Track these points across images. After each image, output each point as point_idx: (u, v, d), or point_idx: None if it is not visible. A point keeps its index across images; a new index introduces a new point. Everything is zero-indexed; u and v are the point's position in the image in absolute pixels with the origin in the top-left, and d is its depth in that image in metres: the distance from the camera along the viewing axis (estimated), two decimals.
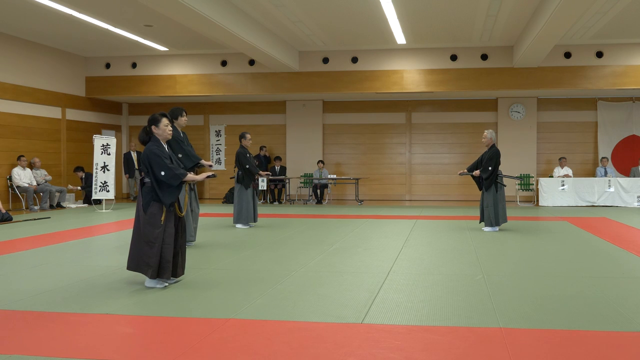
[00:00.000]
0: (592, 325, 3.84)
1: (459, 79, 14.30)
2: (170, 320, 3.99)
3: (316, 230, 9.14)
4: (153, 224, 4.93)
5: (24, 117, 13.66)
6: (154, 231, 4.91)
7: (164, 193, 4.93)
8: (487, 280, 5.22)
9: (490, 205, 8.85)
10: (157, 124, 5.06)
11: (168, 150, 5.16)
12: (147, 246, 4.91)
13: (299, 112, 16.74)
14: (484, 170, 8.90)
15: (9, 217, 10.56)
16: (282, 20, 11.88)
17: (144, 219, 4.96)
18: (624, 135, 15.55)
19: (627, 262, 6.23)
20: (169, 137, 5.16)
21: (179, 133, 7.26)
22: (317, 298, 4.58)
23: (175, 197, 4.98)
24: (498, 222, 8.88)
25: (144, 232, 4.93)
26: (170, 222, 5.02)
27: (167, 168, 4.88)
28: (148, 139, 5.09)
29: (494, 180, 8.87)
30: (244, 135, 9.68)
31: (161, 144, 5.08)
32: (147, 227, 4.92)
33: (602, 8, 10.67)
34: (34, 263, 6.20)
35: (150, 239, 4.91)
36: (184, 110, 7.30)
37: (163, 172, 4.88)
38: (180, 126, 7.30)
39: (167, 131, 5.11)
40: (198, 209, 7.56)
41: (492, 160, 8.86)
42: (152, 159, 4.91)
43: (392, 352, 3.30)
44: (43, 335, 3.67)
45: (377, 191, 16.61)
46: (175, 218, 5.11)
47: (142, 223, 4.97)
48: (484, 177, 8.89)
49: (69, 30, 12.79)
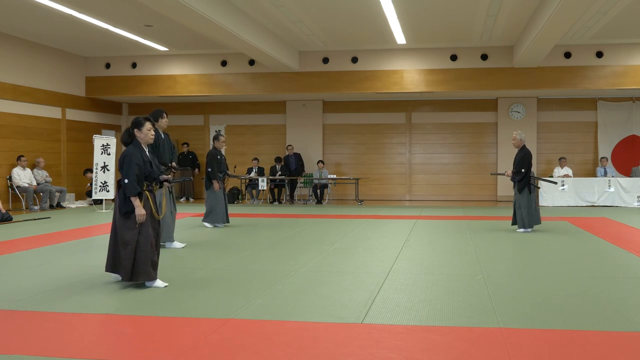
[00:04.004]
0: (592, 325, 3.84)
1: (459, 79, 14.30)
2: (170, 320, 3.99)
3: (316, 230, 9.14)
4: (128, 226, 4.99)
5: (24, 117, 13.66)
6: (129, 233, 4.97)
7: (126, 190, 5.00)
8: (487, 280, 5.22)
9: (524, 207, 8.75)
10: (140, 127, 5.14)
11: (149, 154, 5.24)
12: (124, 249, 4.97)
13: (299, 112, 16.74)
14: (517, 173, 8.81)
15: (9, 217, 10.56)
16: (282, 20, 11.88)
17: (120, 221, 5.02)
18: (624, 135, 15.54)
19: (627, 262, 6.22)
20: (151, 142, 5.26)
21: (160, 135, 7.31)
22: (317, 298, 4.58)
23: (133, 194, 4.99)
24: (531, 223, 8.81)
25: (120, 233, 5.00)
26: (147, 224, 5.05)
27: (131, 178, 4.93)
28: (130, 141, 5.17)
29: (527, 182, 8.80)
30: (217, 136, 9.68)
31: (142, 148, 5.16)
32: (124, 229, 4.99)
33: (602, 8, 10.67)
34: (34, 263, 6.20)
35: (126, 241, 4.96)
36: (164, 112, 7.39)
37: (126, 179, 4.95)
38: (161, 128, 7.38)
39: (150, 135, 5.19)
40: (175, 211, 7.62)
41: (523, 162, 8.76)
42: (125, 163, 4.99)
43: (392, 352, 3.30)
44: (43, 335, 3.67)
45: (377, 191, 16.61)
46: (153, 220, 5.16)
47: (118, 225, 5.03)
48: (517, 179, 8.82)
49: (69, 30, 12.79)
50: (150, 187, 5.19)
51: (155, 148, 7.14)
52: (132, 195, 4.93)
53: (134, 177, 4.94)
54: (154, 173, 5.20)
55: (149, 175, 5.14)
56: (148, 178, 5.14)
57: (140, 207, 4.97)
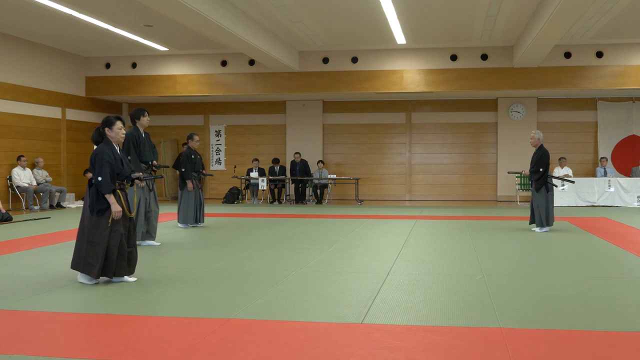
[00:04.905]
0: (592, 325, 3.84)
1: (459, 79, 14.30)
2: (170, 320, 3.99)
3: (316, 230, 9.14)
4: (100, 225, 5.02)
5: (24, 117, 13.66)
6: (100, 232, 5.00)
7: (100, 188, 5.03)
8: (487, 280, 5.22)
9: (542, 206, 8.75)
10: (111, 126, 5.20)
11: (119, 152, 5.28)
12: (91, 246, 4.99)
13: (299, 112, 16.74)
14: (535, 172, 8.81)
15: (9, 217, 10.56)
16: (282, 20, 11.88)
17: (89, 219, 5.04)
18: (624, 135, 15.55)
19: (627, 262, 6.22)
20: (122, 140, 5.32)
21: (140, 134, 7.33)
22: (317, 298, 4.58)
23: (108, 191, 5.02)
24: (549, 222, 8.81)
25: (89, 232, 5.02)
26: (118, 223, 5.10)
27: (105, 176, 4.97)
28: (101, 140, 5.21)
29: (545, 181, 8.79)
30: (191, 136, 9.70)
31: (113, 147, 5.20)
32: (94, 228, 5.01)
33: (602, 8, 10.67)
34: (34, 263, 6.20)
35: (95, 240, 4.99)
36: (145, 111, 7.46)
37: (101, 177, 4.99)
38: (142, 126, 7.42)
39: (120, 134, 5.25)
40: (157, 209, 7.61)
41: (541, 161, 8.76)
42: (97, 161, 5.02)
43: (392, 352, 3.30)
44: (43, 335, 3.67)
45: (377, 191, 16.61)
46: (125, 218, 5.20)
47: (87, 223, 5.05)
48: (535, 178, 8.82)
49: (69, 30, 12.79)
50: (122, 185, 5.25)
51: (135, 147, 7.18)
52: (107, 193, 4.99)
53: (107, 174, 5.00)
54: (125, 171, 5.26)
55: (120, 173, 5.20)
56: (119, 176, 5.20)
57: (116, 203, 5.03)
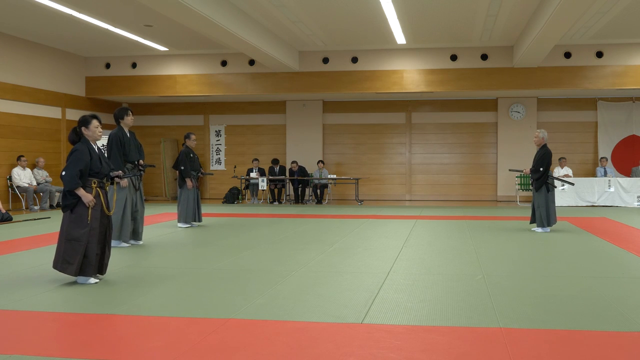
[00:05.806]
0: (592, 325, 3.84)
1: (459, 79, 14.30)
2: (170, 320, 3.99)
3: (316, 230, 9.14)
4: (79, 223, 5.05)
5: (24, 117, 13.66)
6: (79, 230, 5.03)
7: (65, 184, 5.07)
8: (487, 280, 5.22)
9: (542, 206, 8.72)
10: (88, 125, 5.24)
11: (97, 151, 5.30)
12: (70, 244, 5.02)
13: (299, 112, 16.74)
14: (535, 171, 8.79)
15: (9, 217, 10.56)
16: (282, 20, 11.88)
17: (69, 218, 5.07)
18: (624, 135, 15.54)
19: (627, 262, 6.22)
20: (99, 139, 5.34)
21: (125, 134, 7.33)
22: (317, 298, 4.58)
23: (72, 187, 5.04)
24: (550, 222, 8.78)
25: (68, 230, 5.04)
26: (97, 221, 5.12)
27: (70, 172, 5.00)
28: (78, 139, 5.23)
29: (545, 180, 8.76)
30: (188, 135, 9.75)
31: (91, 145, 5.22)
32: (72, 226, 5.04)
33: (602, 8, 10.67)
34: (34, 263, 6.20)
35: (74, 238, 5.02)
36: (129, 110, 7.47)
37: (65, 172, 5.02)
38: (127, 126, 7.43)
39: (97, 132, 5.28)
40: (143, 209, 7.62)
41: (543, 160, 8.73)
42: (71, 158, 5.06)
43: (392, 352, 3.30)
44: (44, 335, 3.67)
45: (377, 191, 16.61)
46: (103, 217, 5.21)
47: (66, 221, 5.08)
48: (535, 177, 8.80)
49: (69, 30, 12.78)
50: (102, 183, 5.27)
51: (121, 147, 7.19)
52: (71, 189, 5.01)
53: (77, 171, 5.01)
54: (104, 169, 5.27)
55: (100, 172, 5.21)
56: (99, 175, 5.21)
57: (86, 194, 5.05)
